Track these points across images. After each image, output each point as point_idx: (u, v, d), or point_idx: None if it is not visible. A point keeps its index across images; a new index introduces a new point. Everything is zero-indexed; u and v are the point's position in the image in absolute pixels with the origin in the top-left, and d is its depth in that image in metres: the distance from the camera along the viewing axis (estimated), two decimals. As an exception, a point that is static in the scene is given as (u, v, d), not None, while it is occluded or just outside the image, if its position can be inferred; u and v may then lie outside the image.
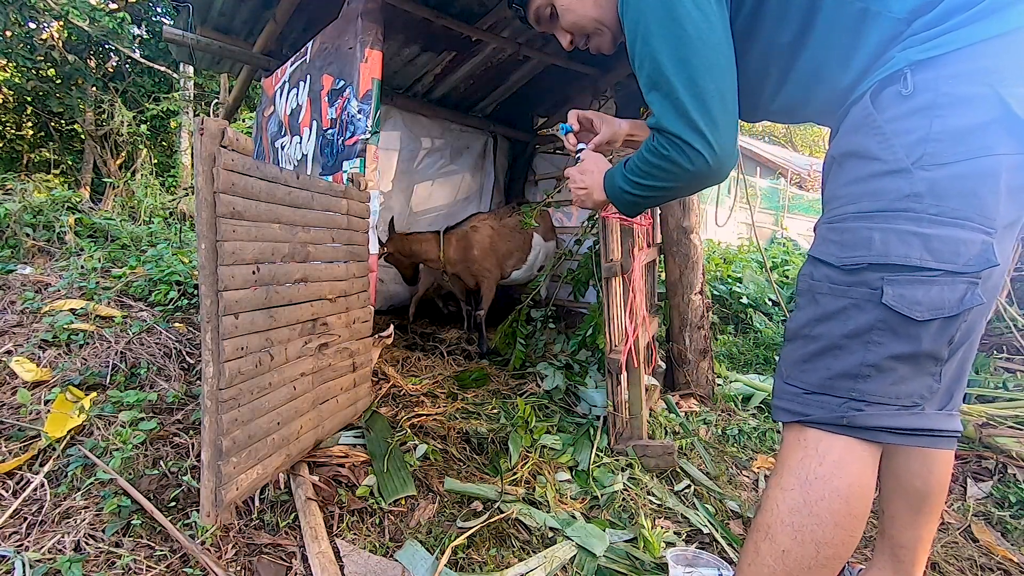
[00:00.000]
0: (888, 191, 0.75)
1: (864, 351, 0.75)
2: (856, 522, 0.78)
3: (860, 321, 0.76)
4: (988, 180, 0.71)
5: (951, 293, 0.72)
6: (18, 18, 6.46)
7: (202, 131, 1.12)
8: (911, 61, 0.76)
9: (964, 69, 0.73)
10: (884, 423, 0.76)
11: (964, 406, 2.11)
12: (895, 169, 0.74)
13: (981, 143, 0.71)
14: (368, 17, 2.03)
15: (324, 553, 1.18)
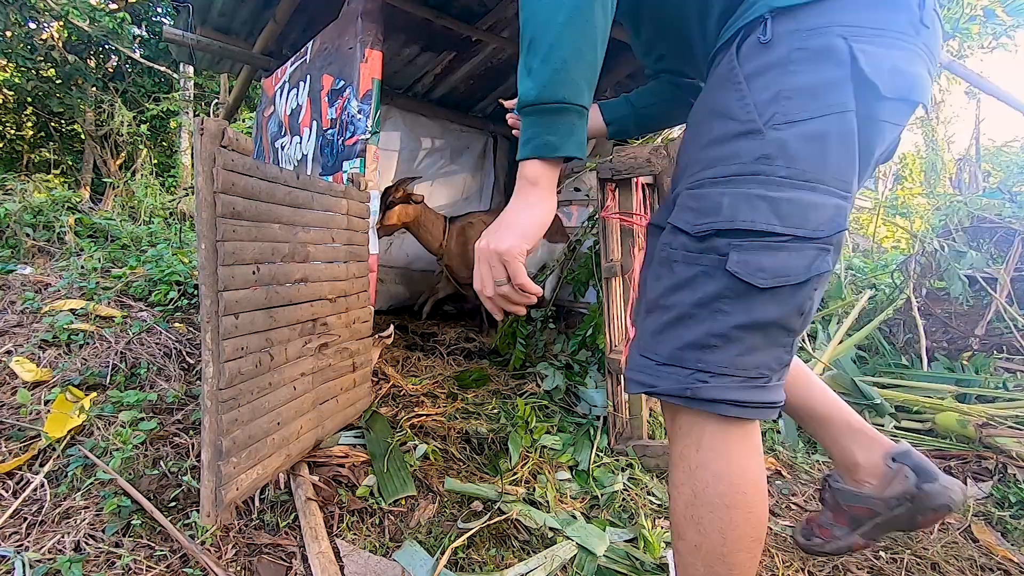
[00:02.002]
0: (742, 153, 0.70)
1: (711, 320, 0.72)
2: (748, 498, 0.74)
3: (708, 289, 0.72)
4: (842, 139, 0.68)
5: (798, 259, 0.69)
6: (18, 18, 6.46)
7: (202, 131, 1.12)
8: (772, 7, 0.71)
9: (823, 21, 0.69)
10: (727, 396, 0.72)
11: (964, 406, 2.11)
12: (749, 130, 0.70)
13: (834, 99, 0.67)
14: (368, 17, 2.03)
15: (324, 553, 1.18)
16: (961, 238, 3.02)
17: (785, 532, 1.53)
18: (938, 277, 3.01)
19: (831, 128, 0.68)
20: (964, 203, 3.20)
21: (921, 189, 10.69)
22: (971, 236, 3.05)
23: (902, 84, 0.68)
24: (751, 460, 0.75)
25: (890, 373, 2.65)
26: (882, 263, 4.99)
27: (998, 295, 2.68)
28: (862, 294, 3.25)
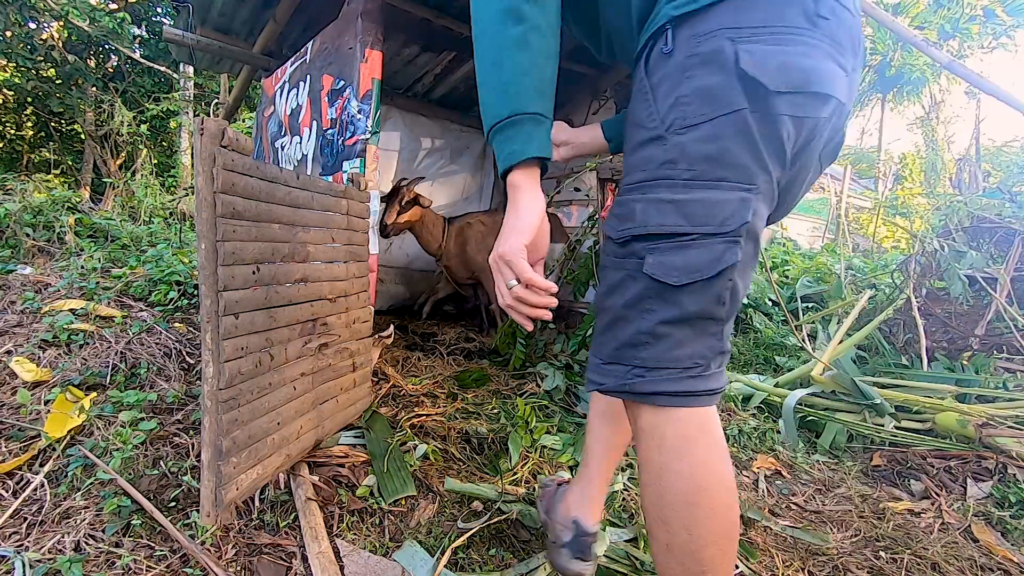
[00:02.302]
0: (650, 160, 0.75)
1: (640, 319, 0.76)
2: (710, 493, 0.76)
3: (634, 291, 0.76)
4: (739, 137, 0.71)
5: (707, 255, 0.72)
6: (18, 18, 6.46)
7: (202, 131, 1.12)
8: (670, 16, 0.74)
9: (713, 25, 0.71)
10: (664, 388, 0.75)
11: (964, 406, 2.11)
12: (655, 136, 0.75)
13: (725, 100, 0.70)
14: (368, 17, 2.03)
15: (324, 553, 1.18)
16: (961, 238, 3.02)
17: (785, 532, 1.53)
18: (938, 277, 3.01)
19: (726, 128, 0.71)
20: (964, 203, 3.20)
21: (921, 189, 10.70)
22: (971, 236, 3.05)
23: (793, 77, 0.70)
24: (711, 454, 0.77)
25: (890, 373, 2.65)
26: (882, 263, 5.00)
27: (998, 295, 2.68)
28: (862, 294, 3.25)
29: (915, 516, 1.67)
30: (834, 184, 13.18)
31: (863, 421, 2.20)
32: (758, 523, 1.56)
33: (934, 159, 14.32)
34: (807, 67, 0.71)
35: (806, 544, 1.48)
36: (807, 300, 4.08)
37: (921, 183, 13.53)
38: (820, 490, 1.82)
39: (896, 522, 1.61)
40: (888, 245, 7.96)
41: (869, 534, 1.55)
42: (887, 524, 1.59)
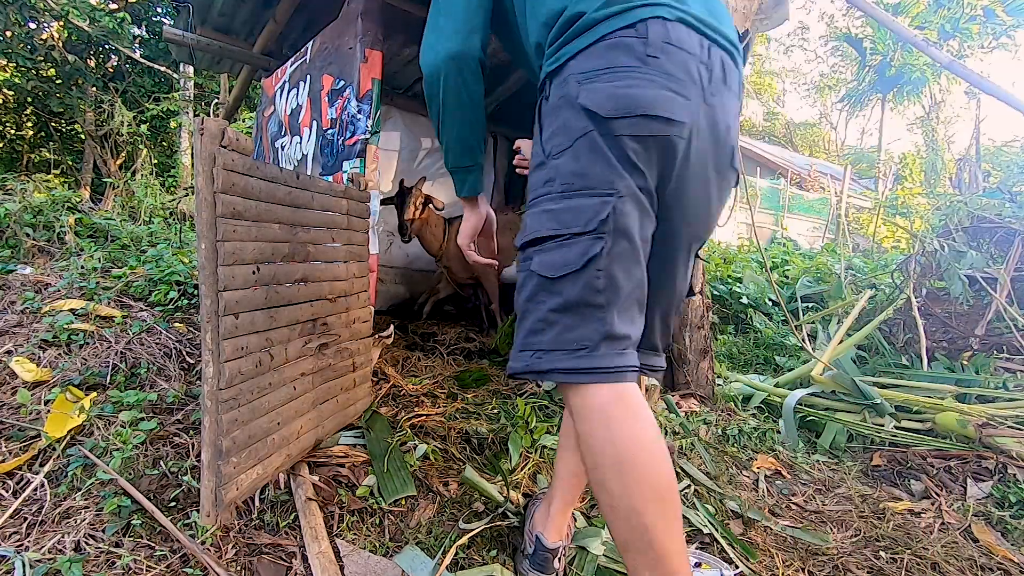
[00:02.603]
0: (538, 181, 0.95)
1: (536, 311, 0.92)
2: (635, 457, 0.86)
3: (530, 288, 0.93)
4: (593, 154, 0.89)
5: (577, 250, 0.88)
6: (18, 18, 6.46)
7: (202, 131, 1.12)
8: (547, 72, 0.99)
9: (568, 72, 0.94)
10: (557, 366, 0.89)
11: (964, 406, 2.11)
12: (540, 163, 0.96)
13: (577, 128, 0.90)
14: (368, 17, 2.03)
15: (324, 553, 1.19)
16: (961, 238, 3.02)
17: (785, 532, 1.53)
18: (938, 277, 3.01)
19: (583, 149, 0.90)
20: (964, 203, 3.20)
21: (921, 189, 10.70)
22: (971, 236, 3.05)
23: (623, 104, 0.88)
24: (632, 422, 0.88)
25: (890, 373, 2.65)
26: (882, 263, 5.00)
27: (998, 295, 2.68)
28: (862, 294, 3.26)
29: (915, 516, 1.67)
30: (834, 184, 13.18)
31: (863, 421, 2.20)
32: (758, 523, 1.56)
33: (934, 159, 14.32)
34: (636, 95, 0.88)
35: (806, 544, 1.48)
36: (807, 300, 4.08)
37: (921, 183, 13.53)
38: (820, 490, 1.82)
39: (896, 522, 1.61)
40: (888, 245, 7.95)
41: (869, 534, 1.55)
42: (887, 524, 1.59)
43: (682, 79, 0.91)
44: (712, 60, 0.95)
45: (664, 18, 0.92)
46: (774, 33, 27.09)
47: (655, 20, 0.92)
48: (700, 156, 0.96)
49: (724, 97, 0.97)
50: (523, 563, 1.24)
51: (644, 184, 0.92)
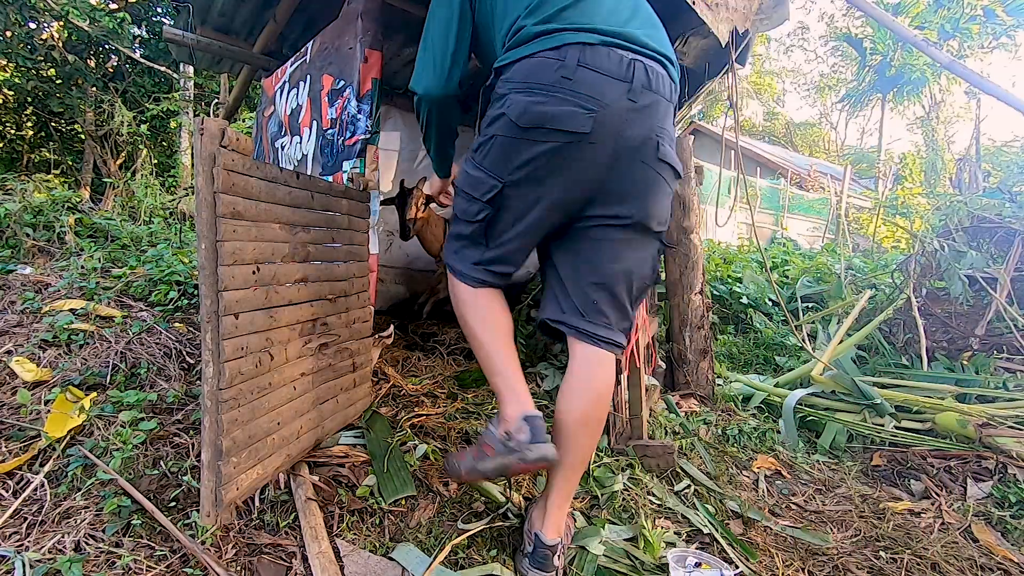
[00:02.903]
0: (474, 144, 1.28)
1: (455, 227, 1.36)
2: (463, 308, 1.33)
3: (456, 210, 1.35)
4: (499, 148, 1.20)
5: (474, 207, 1.26)
6: (18, 18, 6.46)
7: (202, 131, 1.12)
8: (497, 66, 1.24)
9: (504, 77, 1.20)
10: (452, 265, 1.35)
11: (964, 406, 2.11)
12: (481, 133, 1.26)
13: (499, 125, 1.19)
14: (368, 17, 2.03)
15: (324, 553, 1.19)
16: (961, 238, 3.02)
17: (785, 532, 1.53)
18: (938, 277, 3.01)
19: (496, 142, 1.21)
20: (964, 203, 3.20)
21: (921, 189, 10.70)
22: (971, 236, 3.05)
23: (533, 117, 1.14)
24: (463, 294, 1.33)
25: (890, 373, 2.65)
26: (882, 263, 5.00)
27: (998, 295, 2.68)
28: (862, 294, 3.26)
29: (915, 516, 1.67)
30: (834, 184, 13.18)
31: (863, 421, 2.20)
32: (758, 523, 1.56)
33: (934, 159, 14.32)
34: (544, 111, 1.13)
35: (806, 544, 1.48)
36: (807, 300, 4.08)
37: (921, 183, 13.53)
38: (820, 490, 1.82)
39: (896, 522, 1.61)
40: (888, 245, 7.95)
41: (869, 534, 1.55)
42: (887, 524, 1.59)
43: (589, 96, 1.13)
44: (634, 73, 1.15)
45: (585, 43, 1.14)
46: (774, 33, 27.08)
47: (575, 46, 1.14)
48: (620, 152, 1.17)
49: (647, 99, 1.17)
50: (523, 562, 1.26)
51: (542, 184, 1.20)
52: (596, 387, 1.26)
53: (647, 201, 1.23)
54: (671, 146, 1.25)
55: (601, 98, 1.13)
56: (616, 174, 1.19)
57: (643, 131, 1.17)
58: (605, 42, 1.14)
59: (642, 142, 1.18)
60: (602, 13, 1.19)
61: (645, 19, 1.26)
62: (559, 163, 1.17)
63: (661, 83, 1.19)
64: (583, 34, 1.14)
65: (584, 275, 1.26)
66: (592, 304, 1.26)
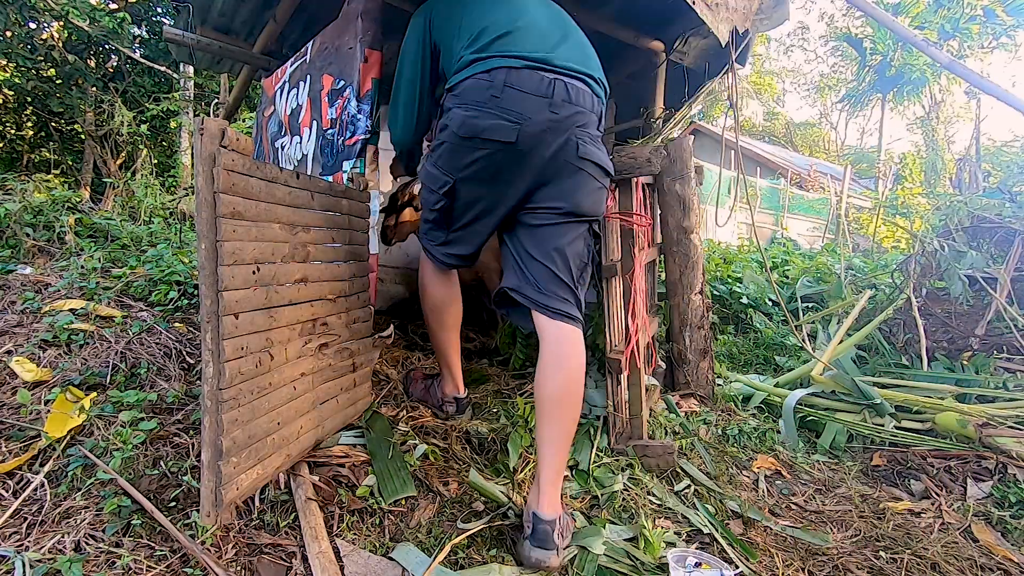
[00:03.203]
0: (434, 143, 1.55)
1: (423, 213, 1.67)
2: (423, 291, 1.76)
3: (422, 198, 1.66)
4: (448, 152, 1.48)
5: (432, 198, 1.56)
6: (18, 18, 6.46)
7: (202, 131, 1.12)
8: (448, 85, 1.51)
9: (453, 94, 1.46)
10: (423, 245, 1.69)
11: (964, 406, 2.11)
12: (429, 152, 1.58)
13: (447, 133, 1.46)
14: (368, 17, 2.03)
15: (324, 553, 1.19)
16: (961, 238, 3.02)
17: (785, 532, 1.53)
18: (938, 277, 3.01)
19: (445, 147, 1.48)
20: (964, 203, 3.20)
21: (921, 189, 10.70)
22: (971, 236, 3.05)
23: (468, 129, 1.40)
24: (435, 288, 1.73)
25: (890, 373, 2.65)
26: (882, 263, 5.00)
27: (998, 295, 2.68)
28: (862, 294, 3.26)
29: (915, 516, 1.67)
30: (834, 184, 13.18)
31: (863, 421, 2.20)
32: (758, 523, 1.56)
33: (934, 159, 14.32)
34: (477, 124, 1.39)
35: (806, 544, 1.48)
36: (807, 300, 4.08)
37: (921, 183, 13.53)
38: (820, 490, 1.82)
39: (896, 522, 1.61)
40: (888, 245, 7.95)
41: (869, 534, 1.55)
42: (887, 524, 1.59)
43: (514, 111, 1.37)
44: (555, 90, 1.39)
45: (511, 67, 1.38)
46: (774, 33, 27.07)
47: (502, 69, 1.38)
48: (546, 155, 1.41)
49: (566, 112, 1.40)
50: (524, 545, 1.27)
51: (484, 179, 1.46)
52: (567, 365, 1.39)
53: (575, 194, 1.46)
54: (596, 147, 1.47)
55: (524, 112, 1.37)
56: (546, 172, 1.44)
57: (564, 137, 1.40)
58: (529, 66, 1.39)
59: (563, 145, 1.41)
60: (530, 42, 1.42)
61: (573, 45, 1.51)
62: (496, 166, 1.43)
63: (582, 97, 1.43)
64: (510, 59, 1.39)
65: (533, 255, 1.48)
66: (542, 280, 1.47)
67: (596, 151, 1.47)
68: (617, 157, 1.87)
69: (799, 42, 30.64)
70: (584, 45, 1.57)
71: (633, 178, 1.88)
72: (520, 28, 1.45)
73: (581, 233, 1.52)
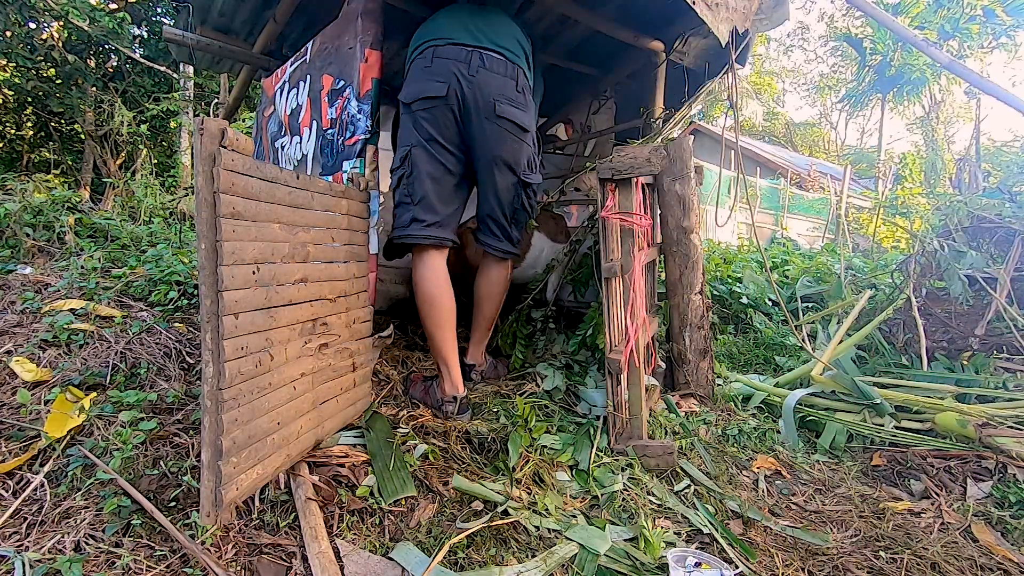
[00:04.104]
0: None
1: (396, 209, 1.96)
2: (419, 290, 1.93)
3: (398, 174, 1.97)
4: (404, 125, 1.90)
5: (396, 175, 1.90)
6: (18, 18, 6.46)
7: (202, 131, 1.12)
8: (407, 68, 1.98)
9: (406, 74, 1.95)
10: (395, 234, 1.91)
11: (964, 406, 2.11)
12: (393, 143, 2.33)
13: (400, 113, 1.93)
14: (368, 17, 2.03)
15: (324, 553, 1.19)
16: (961, 238, 3.02)
17: (785, 532, 1.53)
18: (938, 277, 3.01)
19: (401, 121, 1.93)
20: (964, 203, 3.20)
21: (921, 189, 10.70)
22: (971, 236, 3.05)
23: (412, 94, 1.86)
24: (423, 273, 1.91)
25: (890, 373, 2.65)
26: (882, 263, 4.99)
27: (998, 295, 2.68)
28: (862, 294, 3.25)
29: (915, 516, 1.67)
30: (834, 184, 13.18)
31: (863, 421, 2.20)
32: (758, 523, 1.56)
33: (934, 159, 14.32)
34: (417, 88, 1.84)
35: (806, 544, 1.48)
36: (807, 300, 4.07)
37: (921, 183, 13.53)
38: (820, 490, 1.82)
39: (896, 522, 1.61)
40: (888, 245, 7.95)
41: (869, 534, 1.55)
42: (887, 524, 1.59)
43: (442, 73, 1.81)
44: (471, 59, 1.81)
45: (437, 44, 1.86)
46: (774, 33, 27.05)
47: (431, 47, 1.87)
48: (471, 112, 1.82)
49: (483, 76, 1.81)
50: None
51: (432, 137, 1.83)
52: (492, 277, 2.12)
53: (497, 146, 1.87)
54: (513, 107, 1.85)
55: (449, 74, 1.80)
56: (471, 129, 1.84)
57: (483, 96, 1.81)
58: (451, 42, 1.84)
59: (483, 105, 1.81)
60: (454, 29, 1.88)
61: (490, 30, 1.89)
62: (434, 120, 1.83)
63: (496, 64, 1.84)
64: (436, 40, 1.87)
65: (478, 204, 2.01)
66: (483, 222, 2.04)
67: (513, 110, 1.85)
68: (617, 157, 1.86)
69: (799, 42, 30.64)
70: (505, 30, 1.93)
71: (633, 178, 1.88)
72: (447, 23, 1.92)
73: (511, 181, 1.94)
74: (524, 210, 2.03)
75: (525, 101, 1.91)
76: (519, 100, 1.88)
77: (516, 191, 1.96)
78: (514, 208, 1.98)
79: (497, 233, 2.00)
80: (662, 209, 2.35)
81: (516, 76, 1.88)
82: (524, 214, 2.04)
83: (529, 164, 1.97)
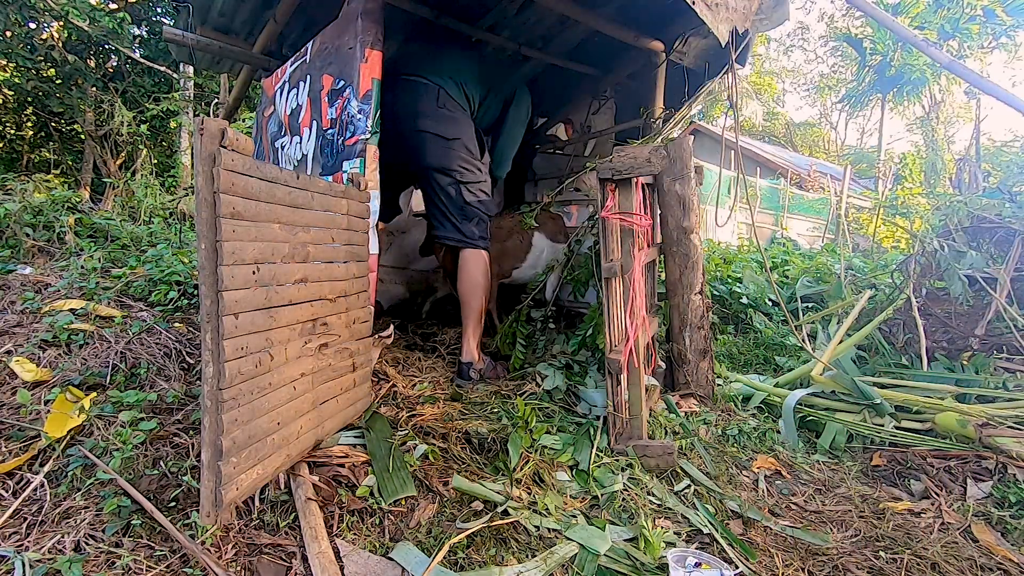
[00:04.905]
0: None
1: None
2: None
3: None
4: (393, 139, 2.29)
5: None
6: (18, 18, 6.46)
7: (202, 131, 1.12)
8: None
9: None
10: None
11: (964, 406, 2.11)
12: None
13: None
14: (368, 17, 2.03)
15: (324, 553, 1.19)
16: (961, 238, 3.02)
17: (785, 532, 1.53)
18: (938, 277, 3.01)
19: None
20: (964, 203, 3.20)
21: (921, 189, 10.69)
22: (971, 236, 3.05)
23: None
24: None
25: (890, 373, 2.65)
26: (882, 263, 4.99)
27: (998, 295, 2.68)
28: (862, 294, 3.25)
29: (915, 516, 1.67)
30: (834, 184, 13.17)
31: (863, 421, 2.20)
32: (758, 523, 1.56)
33: (934, 159, 14.32)
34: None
35: (806, 544, 1.48)
36: (807, 300, 4.07)
37: (921, 183, 13.53)
38: (820, 490, 1.82)
39: (896, 522, 1.61)
40: (888, 245, 7.95)
41: (869, 534, 1.55)
42: (887, 524, 1.59)
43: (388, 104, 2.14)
44: (400, 87, 2.28)
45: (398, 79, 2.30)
46: (774, 33, 27.05)
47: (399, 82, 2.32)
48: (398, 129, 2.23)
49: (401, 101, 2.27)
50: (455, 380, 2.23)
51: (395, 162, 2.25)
52: (467, 269, 2.36)
53: (423, 156, 2.29)
54: (431, 120, 2.27)
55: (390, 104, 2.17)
56: (402, 142, 2.27)
57: (404, 115, 2.27)
58: (401, 77, 2.32)
59: (403, 121, 2.26)
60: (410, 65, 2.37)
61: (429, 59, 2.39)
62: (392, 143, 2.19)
63: (414, 88, 2.30)
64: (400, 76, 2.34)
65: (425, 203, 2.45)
66: (433, 218, 2.39)
67: (431, 123, 2.27)
68: (617, 157, 1.86)
69: (799, 42, 30.63)
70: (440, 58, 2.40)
71: (633, 178, 1.88)
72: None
73: (444, 182, 2.30)
74: (473, 206, 2.35)
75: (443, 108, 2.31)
76: (438, 111, 2.28)
77: (447, 186, 2.32)
78: (452, 200, 2.33)
79: (445, 227, 2.35)
80: (662, 209, 2.35)
81: (435, 92, 2.29)
82: (475, 209, 2.35)
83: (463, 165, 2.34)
